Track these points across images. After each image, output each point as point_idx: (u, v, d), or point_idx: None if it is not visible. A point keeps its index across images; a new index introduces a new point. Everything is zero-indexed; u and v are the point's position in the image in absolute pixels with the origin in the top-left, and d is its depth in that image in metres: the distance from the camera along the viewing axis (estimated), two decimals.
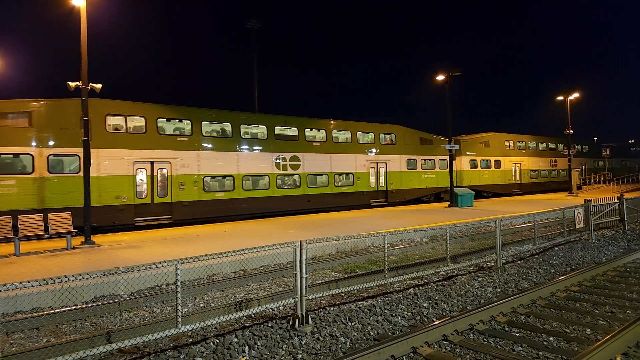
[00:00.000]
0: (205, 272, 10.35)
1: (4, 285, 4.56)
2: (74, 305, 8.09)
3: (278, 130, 23.85)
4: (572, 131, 35.54)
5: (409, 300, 8.05)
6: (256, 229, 16.98)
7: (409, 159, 29.62)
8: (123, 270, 5.42)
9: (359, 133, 27.38)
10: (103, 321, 7.63)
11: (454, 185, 31.22)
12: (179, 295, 5.73)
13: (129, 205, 18.03)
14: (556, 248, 12.97)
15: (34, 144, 16.54)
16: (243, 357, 5.67)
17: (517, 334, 6.26)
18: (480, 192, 34.40)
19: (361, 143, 27.38)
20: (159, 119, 19.70)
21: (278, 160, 23.26)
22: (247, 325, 6.91)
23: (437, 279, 9.74)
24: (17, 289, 4.61)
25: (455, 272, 10.28)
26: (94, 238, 14.12)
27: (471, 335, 6.25)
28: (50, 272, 9.86)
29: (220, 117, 22.16)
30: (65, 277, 4.92)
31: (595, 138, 63.20)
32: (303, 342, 6.09)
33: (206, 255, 6.18)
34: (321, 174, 25.20)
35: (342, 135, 26.95)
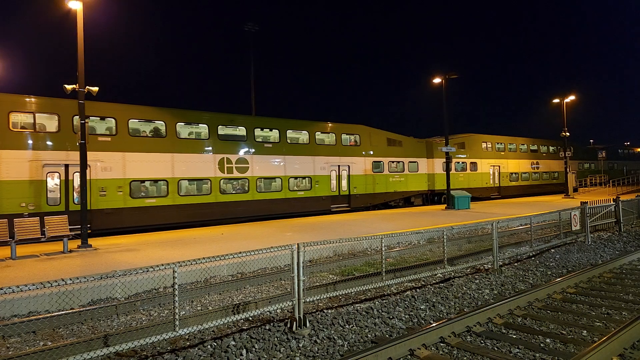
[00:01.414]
0: (202, 275, 10.33)
1: (1, 289, 4.55)
2: (71, 308, 8.07)
3: (222, 129, 21.63)
4: (568, 134, 35.68)
5: (407, 302, 8.06)
6: (253, 232, 16.97)
7: (374, 161, 27.73)
8: (120, 274, 5.42)
9: (317, 133, 25.42)
10: (100, 324, 7.61)
11: (430, 189, 30.59)
12: (177, 298, 5.73)
13: (37, 213, 15.57)
14: (553, 250, 13.01)
15: None
16: None
17: (514, 336, 6.28)
18: None
19: (320, 144, 25.42)
20: (76, 117, 16.85)
21: (222, 163, 21.07)
22: (245, 328, 6.91)
23: (434, 281, 9.76)
24: (13, 292, 4.60)
25: (453, 274, 10.30)
26: (90, 241, 14.09)
27: (468, 337, 6.27)
28: (47, 276, 9.83)
29: (151, 114, 19.84)
30: (62, 280, 4.91)
31: (591, 140, 63.33)
32: (301, 345, 6.09)
33: (204, 258, 6.19)
34: (274, 178, 23.17)
35: (299, 136, 24.90)
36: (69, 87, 14.06)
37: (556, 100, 36.56)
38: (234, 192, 21.77)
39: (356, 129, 27.49)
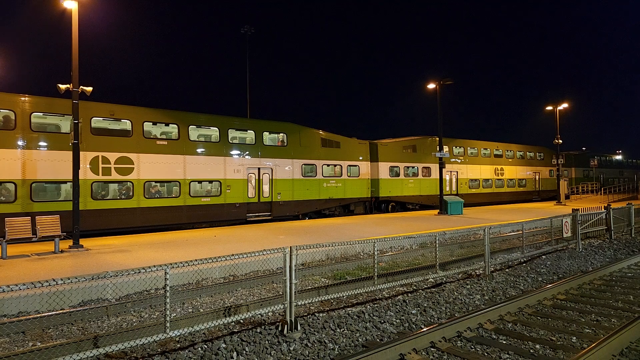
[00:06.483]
0: (194, 277, 10.30)
1: None
2: (61, 309, 8.02)
3: (97, 122, 18.22)
4: (561, 141, 35.98)
5: (398, 307, 8.08)
6: (246, 235, 16.94)
7: (305, 164, 24.67)
8: (111, 275, 5.40)
9: (231, 131, 22.19)
10: (90, 326, 7.56)
11: (372, 195, 28.58)
12: (168, 300, 5.71)
13: None
14: (544, 256, 13.10)
15: None
16: None
17: (504, 342, 6.31)
18: (405, 204, 30.89)
19: (235, 143, 22.30)
20: None
21: (95, 163, 17.75)
22: (236, 331, 6.89)
23: (426, 286, 9.79)
24: (3, 292, 4.57)
25: (444, 279, 10.34)
26: (82, 242, 14.00)
27: (459, 342, 6.30)
28: (38, 276, 9.75)
29: None
30: (53, 280, 4.88)
31: (583, 148, 63.66)
32: (291, 348, 6.09)
33: (196, 260, 6.18)
34: (169, 182, 19.80)
35: (205, 133, 21.73)
36: (62, 86, 14.01)
37: (549, 108, 36.85)
38: (116, 197, 18.54)
39: (282, 127, 24.44)
